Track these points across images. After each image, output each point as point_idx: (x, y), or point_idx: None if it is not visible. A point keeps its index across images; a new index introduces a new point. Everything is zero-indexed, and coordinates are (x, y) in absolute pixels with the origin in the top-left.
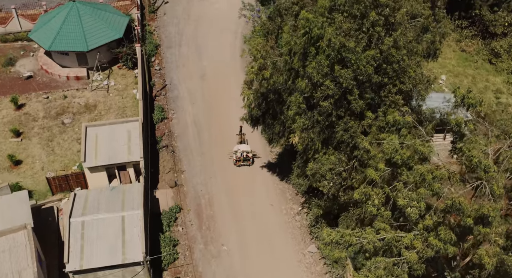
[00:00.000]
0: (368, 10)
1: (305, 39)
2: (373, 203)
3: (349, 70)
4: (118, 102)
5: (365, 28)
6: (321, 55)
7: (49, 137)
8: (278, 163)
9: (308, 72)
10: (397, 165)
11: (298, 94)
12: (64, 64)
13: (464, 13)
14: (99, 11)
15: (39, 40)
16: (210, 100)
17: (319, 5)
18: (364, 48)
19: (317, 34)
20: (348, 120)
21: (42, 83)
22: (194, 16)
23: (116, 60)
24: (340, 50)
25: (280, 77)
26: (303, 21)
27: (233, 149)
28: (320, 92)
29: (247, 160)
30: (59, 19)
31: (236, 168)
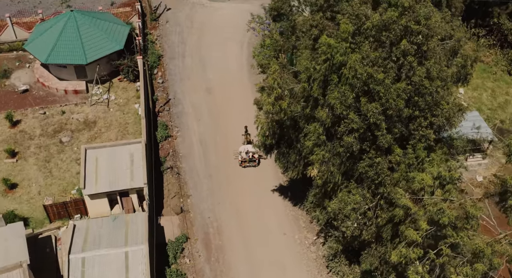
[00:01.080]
0: (398, 37)
1: (326, 66)
2: (416, 269)
3: (377, 103)
4: (119, 118)
5: (394, 57)
6: (345, 85)
7: (46, 157)
8: (290, 187)
9: (329, 102)
10: (442, 226)
11: (317, 124)
12: (62, 77)
13: (481, 21)
14: (98, 20)
15: (35, 52)
16: (216, 117)
17: (342, 30)
18: (393, 79)
19: (339, 61)
20: (373, 156)
21: (39, 98)
22: (198, 23)
23: (117, 72)
24: (367, 81)
25: (297, 105)
26: (324, 47)
27: (239, 149)
28: (344, 125)
29: (253, 160)
30: (56, 29)
31: (245, 192)
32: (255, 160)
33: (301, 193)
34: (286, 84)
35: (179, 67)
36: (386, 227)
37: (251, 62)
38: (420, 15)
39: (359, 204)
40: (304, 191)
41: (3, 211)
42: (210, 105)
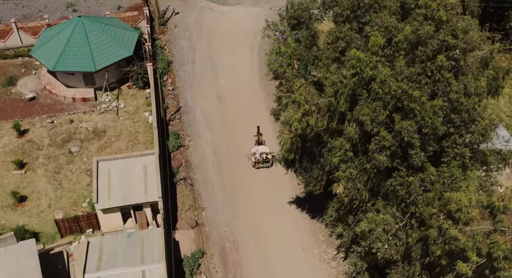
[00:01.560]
0: (435, 52)
1: (354, 81)
2: None
3: (411, 121)
4: (129, 127)
5: (429, 72)
6: (376, 101)
7: (55, 168)
8: (307, 199)
9: (357, 117)
10: (494, 258)
11: (344, 140)
12: (70, 84)
13: (496, 24)
14: (106, 26)
15: (42, 59)
16: (229, 125)
17: (372, 42)
18: (428, 95)
19: (369, 75)
20: (405, 174)
21: (46, 106)
22: (207, 28)
23: (125, 79)
24: (401, 98)
25: (323, 120)
26: (353, 61)
27: (252, 151)
28: (375, 143)
29: (267, 161)
30: (63, 36)
31: (261, 204)
32: (268, 160)
33: (319, 205)
34: (312, 99)
35: (189, 73)
36: (416, 246)
37: (263, 68)
38: (458, 28)
39: (390, 224)
40: (322, 203)
41: (13, 225)
42: (222, 113)
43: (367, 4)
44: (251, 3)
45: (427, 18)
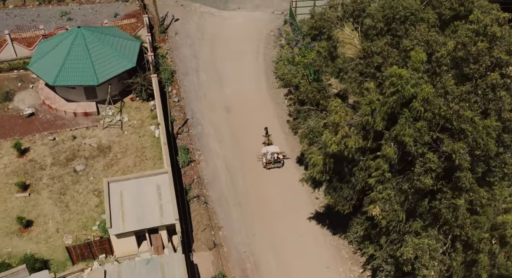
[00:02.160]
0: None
1: (394, 99)
2: None
3: (462, 143)
4: (135, 142)
5: (480, 90)
6: (420, 120)
7: (61, 189)
8: (327, 214)
9: (395, 136)
10: None
11: (382, 161)
12: (70, 98)
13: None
14: (107, 36)
15: (41, 74)
16: (239, 137)
17: (414, 58)
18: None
19: (410, 93)
20: (450, 196)
21: (46, 122)
22: (209, 34)
23: (128, 91)
24: (449, 118)
25: (359, 140)
26: (394, 79)
27: (262, 151)
28: (419, 164)
29: (278, 161)
30: (62, 48)
31: (279, 221)
32: (280, 160)
33: (340, 221)
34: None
35: (194, 83)
36: (459, 268)
37: (269, 76)
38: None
39: (436, 250)
40: (343, 218)
41: (20, 253)
42: (231, 124)
43: (403, 16)
44: (252, 8)
45: (479, 34)
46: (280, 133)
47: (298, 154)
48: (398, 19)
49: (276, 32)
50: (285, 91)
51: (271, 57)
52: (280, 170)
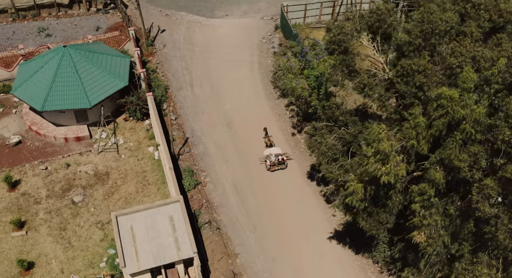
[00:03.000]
0: None
1: (443, 121)
2: None
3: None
4: (135, 166)
5: None
6: (475, 144)
7: (60, 224)
8: (346, 231)
9: (444, 161)
10: None
11: (428, 186)
12: (59, 122)
13: None
14: (95, 54)
15: (27, 99)
16: (245, 154)
17: (464, 78)
18: None
19: (461, 115)
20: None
21: (36, 150)
22: (199, 45)
23: (120, 110)
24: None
25: (407, 167)
26: (444, 101)
27: (264, 154)
28: (476, 191)
29: (282, 163)
30: (48, 70)
31: (299, 243)
32: (283, 162)
33: (361, 239)
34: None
35: (190, 98)
36: None
37: (267, 86)
38: None
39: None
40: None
41: None
42: (235, 141)
43: (443, 31)
44: (240, 14)
45: None
46: (285, 145)
47: (307, 167)
48: (438, 34)
49: (267, 38)
50: (285, 101)
51: (266, 66)
52: (287, 177)
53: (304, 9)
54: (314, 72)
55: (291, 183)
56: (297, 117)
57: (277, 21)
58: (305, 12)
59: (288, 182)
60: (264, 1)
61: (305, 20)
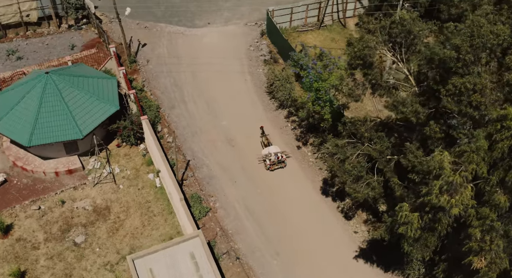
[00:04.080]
0: None
1: (508, 144)
2: None
3: None
4: (136, 196)
5: None
6: None
7: (65, 270)
8: (370, 248)
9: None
10: None
11: (488, 209)
12: (46, 155)
13: None
14: (80, 78)
15: (10, 134)
16: (253, 174)
17: None
18: None
19: None
20: None
21: (25, 188)
22: (185, 58)
23: (110, 135)
24: None
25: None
26: (510, 122)
27: (263, 153)
28: None
29: (281, 161)
30: (31, 100)
31: (326, 265)
32: (283, 160)
33: (387, 255)
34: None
35: (185, 117)
36: None
37: (263, 98)
38: None
39: None
40: (390, 251)
41: None
42: (240, 160)
43: (495, 45)
44: (223, 22)
45: None
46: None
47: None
48: (489, 48)
49: (255, 46)
50: (284, 113)
51: (259, 75)
52: (301, 195)
53: (290, 12)
54: (325, 84)
55: (307, 201)
56: (300, 128)
57: (262, 27)
58: (291, 15)
59: (304, 200)
60: (246, 6)
61: (291, 24)
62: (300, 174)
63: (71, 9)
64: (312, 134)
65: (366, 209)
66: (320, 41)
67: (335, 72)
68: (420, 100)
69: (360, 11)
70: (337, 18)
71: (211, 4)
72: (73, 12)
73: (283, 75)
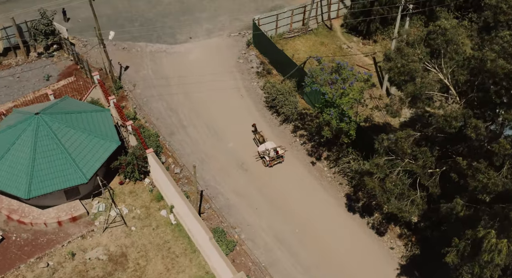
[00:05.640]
0: None
1: None
2: None
3: None
4: (152, 237)
5: None
6: None
7: None
8: (412, 264)
9: None
10: None
11: None
12: (45, 204)
13: None
14: (72, 115)
15: (4, 186)
16: (273, 197)
17: None
18: None
19: None
20: None
21: (26, 244)
22: (174, 78)
23: (111, 173)
24: None
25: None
26: None
27: (260, 150)
28: None
29: (280, 156)
30: (23, 146)
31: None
32: (281, 155)
33: (429, 272)
34: None
35: (187, 143)
36: None
37: (265, 113)
38: None
39: None
40: (432, 265)
41: None
42: (256, 184)
43: None
44: (205, 34)
45: None
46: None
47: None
48: None
49: (243, 57)
50: (290, 127)
51: (254, 89)
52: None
53: (276, 19)
54: (349, 100)
55: (334, 220)
56: (309, 143)
57: (246, 37)
58: (276, 22)
59: (331, 220)
60: (225, 15)
61: (277, 31)
62: (321, 191)
63: (40, 36)
64: (324, 148)
65: (398, 223)
66: (309, 46)
67: (356, 86)
68: (475, 113)
69: (344, 12)
70: (321, 20)
71: (188, 16)
72: (43, 39)
73: (285, 89)
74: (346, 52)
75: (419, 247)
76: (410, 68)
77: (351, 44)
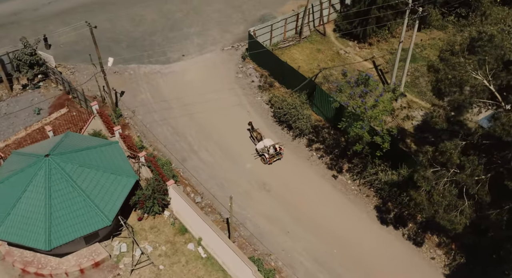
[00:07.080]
0: None
1: None
2: None
3: None
4: (184, 275)
5: None
6: None
7: None
8: (457, 274)
9: None
10: None
11: None
12: (63, 251)
13: None
14: (83, 153)
15: (20, 239)
16: (304, 217)
17: None
18: None
19: None
20: None
21: None
22: (174, 100)
23: (127, 209)
24: None
25: None
26: None
27: (258, 148)
28: None
29: (279, 153)
30: (35, 194)
31: None
32: (281, 152)
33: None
34: None
35: (202, 169)
36: None
37: (276, 129)
38: None
39: None
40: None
41: None
42: (282, 205)
43: None
44: (197, 51)
45: None
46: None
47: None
48: None
49: (241, 72)
50: (304, 141)
51: (259, 104)
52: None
53: (270, 29)
54: (382, 111)
55: (369, 235)
56: (327, 156)
57: (240, 50)
58: (271, 32)
59: (366, 235)
60: (214, 29)
61: (271, 41)
62: (349, 206)
63: (25, 67)
64: (344, 160)
65: (434, 231)
66: (307, 55)
67: (385, 96)
68: None
69: (334, 16)
70: (313, 27)
71: (176, 33)
72: (28, 70)
73: (297, 102)
74: (345, 58)
75: (463, 256)
76: (462, 78)
77: (347, 49)
